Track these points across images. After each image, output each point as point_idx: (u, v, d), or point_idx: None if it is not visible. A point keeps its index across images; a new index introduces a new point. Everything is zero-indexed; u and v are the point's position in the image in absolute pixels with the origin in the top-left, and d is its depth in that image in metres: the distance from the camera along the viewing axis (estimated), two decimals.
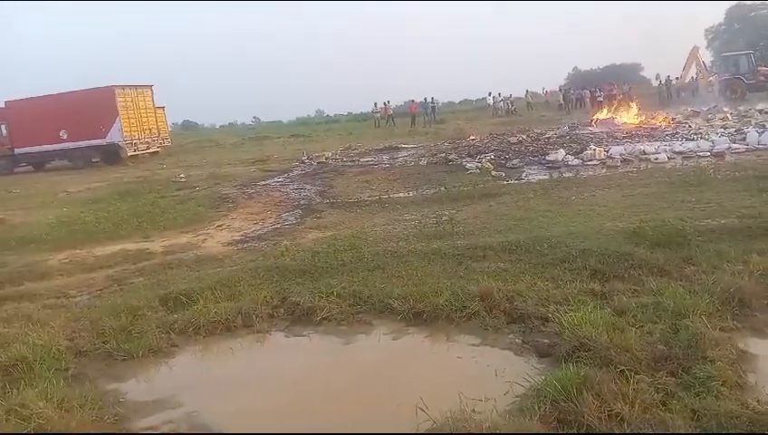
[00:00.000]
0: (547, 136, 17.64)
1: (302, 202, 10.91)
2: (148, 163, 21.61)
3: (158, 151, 25.17)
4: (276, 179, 14.40)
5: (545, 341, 3.92)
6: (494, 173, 12.06)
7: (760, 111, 19.94)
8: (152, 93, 25.06)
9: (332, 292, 5.06)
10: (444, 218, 7.48)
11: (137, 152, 23.58)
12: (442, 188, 10.52)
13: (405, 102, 39.96)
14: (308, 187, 12.71)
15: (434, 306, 4.58)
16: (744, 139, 13.02)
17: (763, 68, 30.84)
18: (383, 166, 15.00)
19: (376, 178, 12.96)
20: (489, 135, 19.80)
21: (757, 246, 5.14)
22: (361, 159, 17.11)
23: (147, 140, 24.37)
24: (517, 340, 4.10)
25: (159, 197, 12.44)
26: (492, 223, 7.38)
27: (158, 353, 4.46)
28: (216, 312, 4.84)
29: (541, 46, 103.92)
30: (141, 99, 24.26)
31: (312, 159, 17.82)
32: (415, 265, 5.65)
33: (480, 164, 13.14)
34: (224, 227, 9.27)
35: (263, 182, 13.89)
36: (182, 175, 16.20)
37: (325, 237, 7.51)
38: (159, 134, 25.45)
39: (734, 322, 3.92)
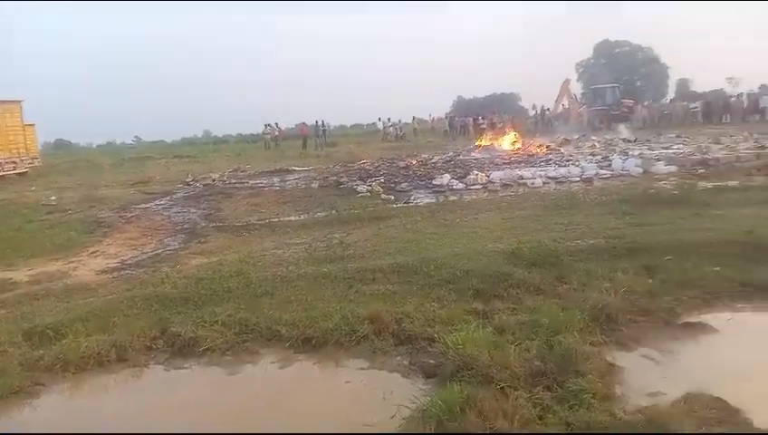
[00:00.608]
0: (434, 161, 18.25)
1: (185, 226, 10.45)
2: (15, 185, 19.73)
3: (26, 172, 23.12)
4: (158, 202, 13.69)
5: (431, 361, 4.00)
6: (383, 196, 12.25)
7: (623, 140, 21.95)
8: (21, 110, 23.07)
9: (217, 320, 4.87)
10: (334, 242, 7.47)
11: (2, 173, 21.53)
12: (333, 212, 10.52)
13: (296, 125, 39.83)
14: (192, 210, 12.20)
15: (323, 331, 4.54)
16: (610, 165, 14.20)
17: (627, 100, 34.10)
18: (273, 188, 14.75)
19: (266, 200, 12.71)
20: (379, 159, 20.14)
21: (621, 265, 5.59)
22: (251, 182, 16.73)
23: (14, 159, 22.35)
24: (405, 362, 4.15)
25: (26, 221, 11.38)
26: (381, 245, 7.47)
27: (20, 394, 4.06)
28: (87, 346, 4.49)
29: (428, 74, 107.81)
30: (8, 115, 22.21)
31: (197, 180, 17.19)
32: (304, 289, 5.59)
33: (370, 187, 13.30)
34: (98, 253, 8.65)
35: (143, 205, 13.15)
36: (53, 197, 14.96)
37: (210, 263, 7.23)
38: (28, 153, 23.41)
39: (603, 336, 4.21)
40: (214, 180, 17.12)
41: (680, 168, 13.22)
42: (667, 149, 17.50)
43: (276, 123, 35.68)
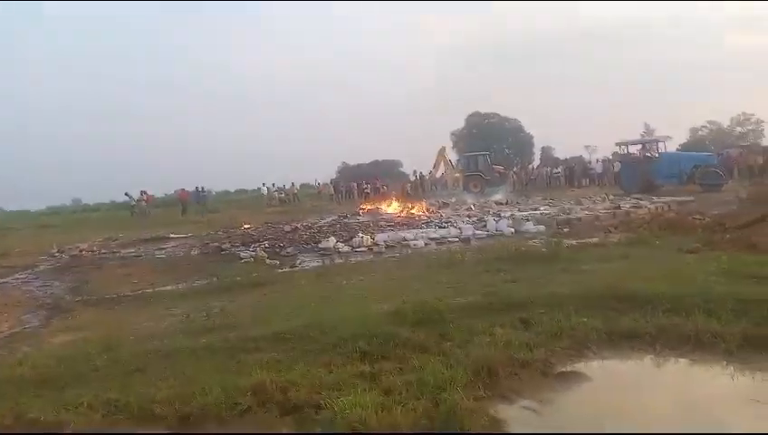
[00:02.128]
0: (320, 225, 18.35)
1: (48, 301, 9.56)
2: None
3: None
4: (17, 276, 12.49)
5: (318, 429, 3.86)
6: (268, 261, 12.06)
7: (496, 203, 23.41)
8: None
9: (82, 403, 4.42)
10: (215, 311, 7.17)
11: None
12: (214, 279, 10.13)
13: (175, 191, 38.63)
14: (57, 283, 11.24)
15: (202, 407, 4.25)
16: (485, 226, 15.02)
17: (497, 166, 36.67)
18: (149, 257, 14.03)
19: (140, 270, 12.02)
20: (264, 224, 19.89)
21: (499, 320, 5.79)
22: (123, 251, 15.81)
23: None
24: (291, 432, 3.98)
25: None
26: (266, 312, 7.24)
27: None
28: None
29: (316, 141, 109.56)
30: None
31: (63, 251, 15.95)
32: (182, 363, 5.25)
33: (255, 253, 13.08)
34: None
35: (0, 280, 11.94)
36: None
37: (76, 340, 6.62)
38: None
39: (485, 391, 4.28)
40: (82, 251, 15.99)
41: (547, 227, 14.25)
42: (535, 210, 18.83)
43: (146, 191, 34.39)
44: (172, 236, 18.73)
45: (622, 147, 27.09)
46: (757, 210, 10.23)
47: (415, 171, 43.18)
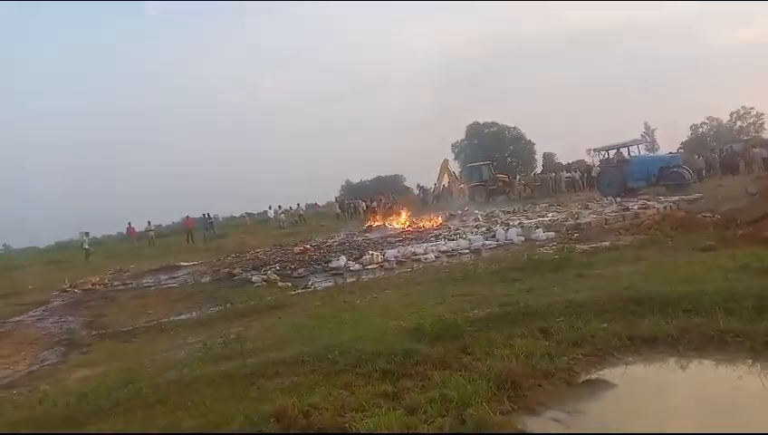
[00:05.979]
0: (328, 244, 18.35)
1: (64, 337, 9.57)
2: None
3: None
4: (31, 314, 12.51)
5: None
6: (280, 284, 12.05)
7: (503, 212, 23.33)
8: None
9: None
10: (231, 337, 7.14)
11: None
12: (228, 305, 10.14)
13: (181, 218, 38.91)
14: (71, 318, 11.26)
15: None
16: (494, 236, 14.96)
17: (501, 175, 36.63)
18: (162, 287, 14.06)
19: (154, 300, 12.04)
20: (273, 246, 19.90)
21: (518, 331, 5.73)
22: (135, 282, 15.85)
23: None
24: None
25: None
26: (282, 336, 7.23)
27: None
28: None
29: (316, 161, 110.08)
30: None
31: (75, 286, 15.98)
32: (202, 392, 5.21)
33: (266, 276, 13.07)
34: None
35: (15, 318, 11.96)
36: None
37: (95, 375, 6.62)
38: None
39: (510, 404, 4.22)
40: (94, 285, 16.04)
41: (557, 233, 14.18)
42: (543, 217, 18.73)
43: (149, 222, 35.17)
44: (182, 264, 18.77)
45: (601, 152, 27.15)
46: (766, 204, 10.13)
47: (418, 185, 43.37)
